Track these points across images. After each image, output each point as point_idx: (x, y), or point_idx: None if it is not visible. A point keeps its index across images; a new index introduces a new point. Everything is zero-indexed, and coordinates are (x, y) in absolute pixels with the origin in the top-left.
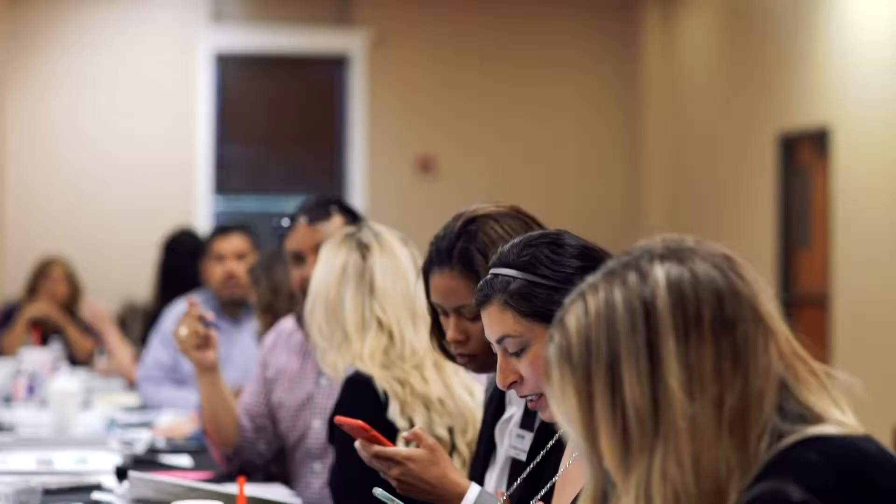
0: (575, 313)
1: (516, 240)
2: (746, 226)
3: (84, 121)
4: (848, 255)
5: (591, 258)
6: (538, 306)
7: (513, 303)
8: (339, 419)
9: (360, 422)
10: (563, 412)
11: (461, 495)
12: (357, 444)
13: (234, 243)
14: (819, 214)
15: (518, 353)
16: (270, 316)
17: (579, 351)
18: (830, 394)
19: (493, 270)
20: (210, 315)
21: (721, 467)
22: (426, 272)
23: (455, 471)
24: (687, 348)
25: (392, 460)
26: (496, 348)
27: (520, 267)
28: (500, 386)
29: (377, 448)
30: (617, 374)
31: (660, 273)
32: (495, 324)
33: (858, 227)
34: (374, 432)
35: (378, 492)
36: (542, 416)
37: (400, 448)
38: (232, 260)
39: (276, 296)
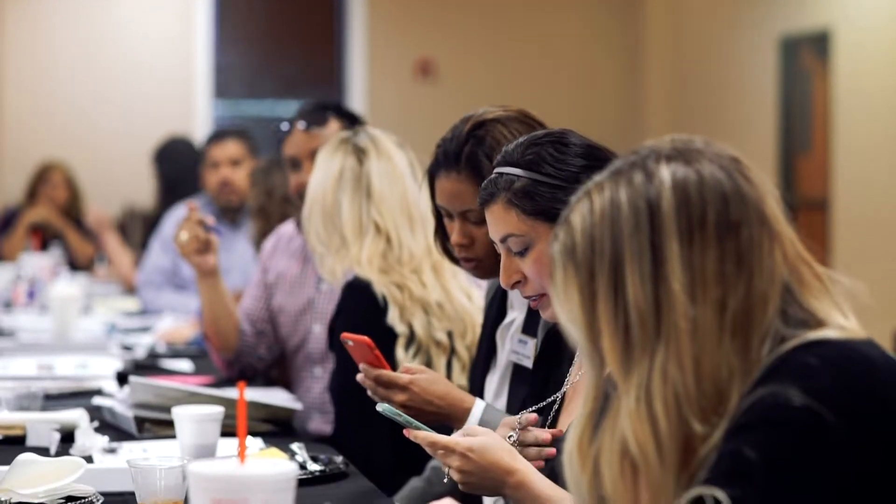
0: (580, 212)
1: (521, 139)
2: (747, 130)
3: (83, 25)
4: (848, 159)
5: (595, 157)
6: (542, 205)
7: (517, 201)
8: (346, 335)
9: (365, 338)
10: (565, 311)
11: (467, 411)
12: (359, 376)
13: (229, 149)
14: (820, 118)
15: (522, 253)
16: (263, 219)
17: (583, 250)
18: (833, 298)
19: (497, 169)
20: (210, 219)
21: (722, 370)
22: (432, 174)
23: (455, 388)
24: (690, 250)
25: (396, 385)
26: (499, 248)
27: (524, 166)
28: (503, 285)
29: (379, 372)
30: (620, 273)
31: (666, 173)
32: (499, 223)
33: (859, 131)
34: (378, 352)
35: (382, 407)
36: (543, 315)
37: (402, 374)
38: (226, 166)
39: (269, 199)
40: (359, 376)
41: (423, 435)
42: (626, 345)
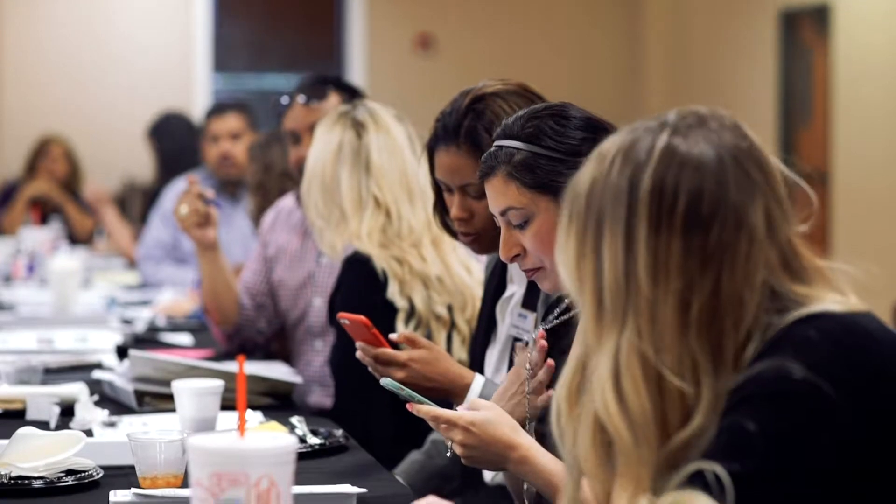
0: (595, 160)
1: (521, 112)
2: (748, 104)
3: None
4: (848, 133)
5: (595, 130)
6: (542, 178)
7: (517, 174)
8: (342, 315)
9: (362, 317)
10: (563, 257)
11: (466, 387)
12: (358, 353)
13: (229, 123)
14: (820, 91)
15: (522, 226)
16: (262, 194)
17: (583, 203)
18: (833, 285)
19: (497, 142)
20: (210, 193)
21: (684, 363)
22: (431, 148)
23: (456, 364)
24: (657, 237)
25: (394, 363)
26: (499, 221)
27: (524, 139)
28: (502, 258)
29: (378, 351)
30: (600, 239)
31: (657, 149)
32: (499, 196)
33: (859, 104)
34: (375, 330)
35: (386, 381)
36: (541, 286)
37: (400, 351)
38: (226, 140)
39: (268, 174)
40: (358, 354)
41: (425, 409)
42: (599, 308)
